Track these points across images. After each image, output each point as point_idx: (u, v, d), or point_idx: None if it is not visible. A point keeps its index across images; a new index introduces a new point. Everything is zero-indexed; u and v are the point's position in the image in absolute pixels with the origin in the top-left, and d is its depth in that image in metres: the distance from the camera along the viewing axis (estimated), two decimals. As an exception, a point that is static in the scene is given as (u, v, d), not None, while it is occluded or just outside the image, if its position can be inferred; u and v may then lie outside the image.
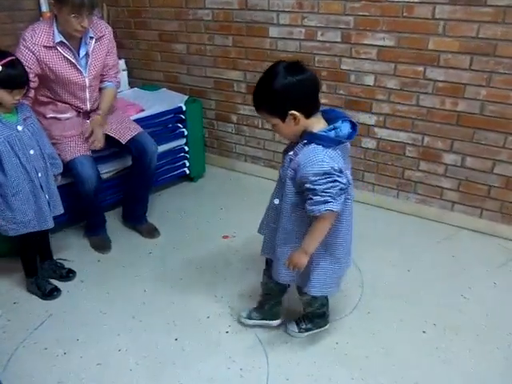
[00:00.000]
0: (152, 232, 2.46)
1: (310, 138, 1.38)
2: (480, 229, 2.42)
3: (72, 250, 2.34)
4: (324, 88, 2.64)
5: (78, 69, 2.14)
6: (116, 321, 1.89)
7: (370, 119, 2.56)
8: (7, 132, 1.75)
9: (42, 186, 1.86)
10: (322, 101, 2.65)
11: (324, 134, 1.37)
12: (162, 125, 2.77)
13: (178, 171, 2.94)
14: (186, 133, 2.89)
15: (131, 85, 3.29)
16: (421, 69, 2.30)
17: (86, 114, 2.31)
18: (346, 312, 1.91)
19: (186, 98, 2.94)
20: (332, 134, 1.38)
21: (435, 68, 2.26)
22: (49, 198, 1.91)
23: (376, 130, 2.57)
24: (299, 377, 1.63)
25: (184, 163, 2.95)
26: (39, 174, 1.85)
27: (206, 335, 1.81)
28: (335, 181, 1.34)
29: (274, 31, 2.70)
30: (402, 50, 2.32)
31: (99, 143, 2.19)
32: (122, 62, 3.15)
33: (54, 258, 2.20)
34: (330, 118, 1.43)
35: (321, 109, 1.44)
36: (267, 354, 1.72)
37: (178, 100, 2.89)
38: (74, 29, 2.00)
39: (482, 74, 2.16)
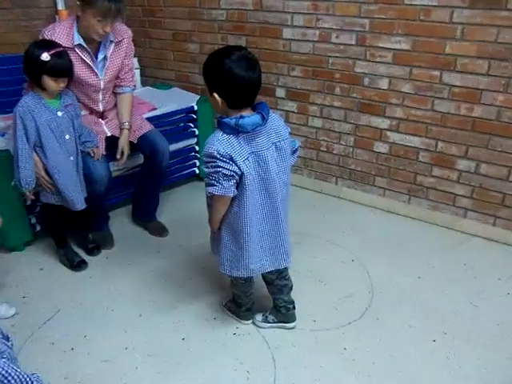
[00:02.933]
0: (161, 230, 2.45)
1: (218, 123, 1.45)
2: (493, 237, 2.38)
3: (80, 246, 2.33)
4: (337, 91, 2.62)
5: (94, 71, 2.13)
6: (123, 318, 1.88)
7: (383, 123, 2.54)
8: (49, 116, 1.88)
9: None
10: (335, 103, 2.68)
11: (225, 120, 1.42)
12: (173, 124, 2.77)
13: (188, 170, 2.93)
14: (197, 132, 2.88)
15: (143, 83, 3.29)
16: (437, 73, 2.27)
17: (99, 114, 2.31)
18: (355, 317, 1.89)
19: (197, 97, 2.93)
20: (232, 122, 1.40)
21: (451, 73, 2.23)
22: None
23: (389, 134, 2.54)
24: (306, 381, 1.61)
25: (194, 163, 2.95)
26: (71, 158, 1.97)
27: (213, 336, 1.80)
28: (218, 166, 1.40)
29: (287, 32, 2.69)
30: (417, 54, 2.29)
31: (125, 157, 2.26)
32: (135, 61, 3.15)
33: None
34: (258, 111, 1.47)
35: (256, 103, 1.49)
36: (274, 356, 1.70)
37: (190, 99, 2.89)
38: (96, 32, 1.99)
39: (499, 79, 2.13)
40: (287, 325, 1.82)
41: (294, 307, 1.81)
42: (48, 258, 2.26)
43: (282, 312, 1.79)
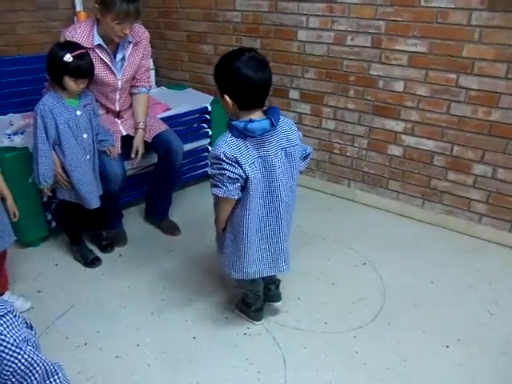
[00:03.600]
0: (173, 229, 2.47)
1: (227, 125, 1.45)
2: (509, 243, 2.35)
3: (93, 243, 2.36)
4: (351, 93, 2.62)
5: (112, 71, 2.16)
6: (135, 315, 1.89)
7: (398, 126, 2.52)
8: (67, 115, 1.91)
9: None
10: (349, 105, 2.67)
11: (234, 123, 1.42)
12: (187, 124, 2.79)
13: (201, 171, 2.95)
14: (210, 133, 2.89)
15: (158, 84, 3.32)
16: (453, 76, 2.25)
17: (116, 113, 2.33)
18: (367, 321, 1.88)
19: (211, 98, 2.95)
20: (241, 125, 1.40)
21: (469, 76, 2.21)
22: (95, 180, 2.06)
23: (403, 137, 2.53)
24: None
25: (207, 163, 2.96)
26: (87, 156, 2.01)
27: (224, 336, 1.80)
28: (224, 169, 1.41)
29: (302, 35, 2.70)
30: (434, 57, 2.28)
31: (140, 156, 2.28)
32: (150, 62, 3.18)
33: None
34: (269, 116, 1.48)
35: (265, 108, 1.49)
36: (285, 358, 1.70)
37: (204, 100, 2.91)
38: (115, 35, 2.02)
39: (518, 83, 2.10)
40: (273, 303, 1.85)
41: (277, 287, 1.85)
42: (62, 254, 2.29)
43: (265, 292, 1.83)
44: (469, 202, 2.43)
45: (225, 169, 1.41)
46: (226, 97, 1.44)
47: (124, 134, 2.28)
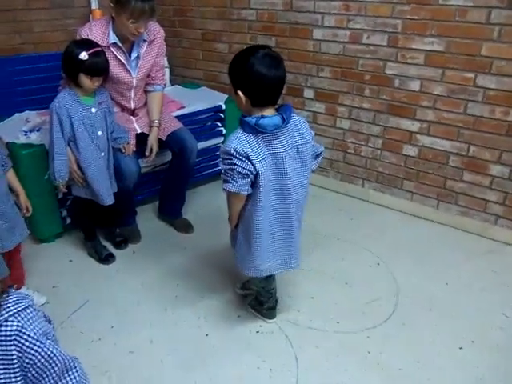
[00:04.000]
0: (186, 227, 2.48)
1: (239, 121, 1.46)
2: (525, 245, 2.32)
3: (107, 240, 2.38)
4: (366, 92, 2.60)
5: (127, 69, 2.17)
6: (149, 312, 1.91)
7: (413, 126, 2.50)
8: (83, 112, 1.93)
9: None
10: (364, 105, 2.65)
11: (246, 119, 1.43)
12: (201, 122, 2.80)
13: (215, 169, 2.95)
14: (224, 131, 2.90)
15: (172, 82, 3.33)
16: (471, 75, 2.22)
17: (131, 111, 2.35)
18: (380, 321, 1.86)
19: (225, 96, 2.95)
20: (253, 121, 1.41)
21: (487, 75, 2.18)
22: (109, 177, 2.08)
23: (418, 137, 2.50)
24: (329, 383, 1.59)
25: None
26: (102, 154, 2.02)
27: (237, 333, 1.80)
28: (234, 164, 1.41)
29: (317, 33, 2.68)
30: (451, 56, 2.25)
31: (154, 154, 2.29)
32: (164, 60, 3.20)
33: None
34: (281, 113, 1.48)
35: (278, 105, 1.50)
36: (297, 356, 1.69)
37: (218, 99, 2.91)
38: (130, 33, 2.03)
39: (538, 82, 2.07)
40: (266, 319, 1.85)
41: (274, 306, 1.85)
42: (77, 250, 2.32)
43: (264, 307, 1.84)
44: (485, 204, 2.40)
45: (235, 164, 1.42)
46: (240, 93, 1.45)
47: (139, 131, 2.30)
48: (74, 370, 0.93)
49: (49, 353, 0.87)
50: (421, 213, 2.60)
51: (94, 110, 1.96)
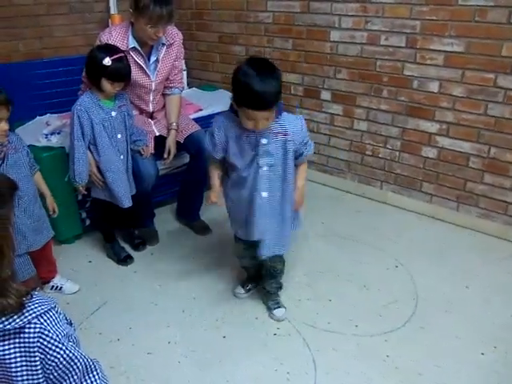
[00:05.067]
0: (204, 229, 2.49)
1: (278, 110, 1.56)
2: (548, 249, 2.27)
3: (126, 242, 2.40)
4: (384, 93, 2.58)
5: (146, 73, 2.19)
6: (166, 313, 1.92)
7: (432, 127, 2.47)
8: (103, 116, 1.96)
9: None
10: (382, 106, 2.64)
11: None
12: (218, 125, 2.80)
13: (231, 171, 2.96)
14: (241, 134, 2.90)
15: (189, 85, 3.36)
16: (491, 76, 2.19)
17: (149, 114, 2.37)
18: (398, 325, 1.84)
19: (243, 99, 2.95)
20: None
21: (508, 76, 2.14)
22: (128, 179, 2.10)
23: (438, 138, 2.47)
24: (347, 386, 1.59)
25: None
26: (121, 156, 2.04)
27: (254, 335, 1.80)
28: None
29: (335, 35, 2.68)
30: (471, 56, 2.22)
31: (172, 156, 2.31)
32: (182, 63, 3.23)
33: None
34: None
35: None
36: (315, 359, 1.69)
37: (236, 101, 2.91)
38: (148, 37, 2.06)
39: (560, 83, 2.02)
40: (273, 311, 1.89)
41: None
42: (96, 251, 2.35)
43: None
44: (506, 206, 2.35)
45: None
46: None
47: (157, 134, 2.32)
48: (94, 373, 0.93)
49: (71, 355, 0.88)
50: (440, 215, 2.57)
51: (114, 113, 1.99)
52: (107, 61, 1.86)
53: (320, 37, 2.74)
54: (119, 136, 2.02)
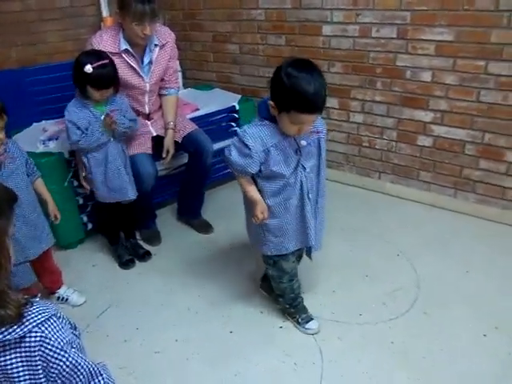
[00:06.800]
0: (206, 227, 2.51)
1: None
2: (546, 230, 2.30)
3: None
4: (378, 85, 2.60)
5: (140, 75, 2.21)
6: (172, 312, 1.95)
7: (427, 116, 2.49)
8: (92, 120, 1.94)
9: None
10: (376, 98, 2.66)
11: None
12: (215, 123, 2.83)
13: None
14: (238, 131, 2.92)
15: (185, 85, 3.37)
16: (482, 63, 2.21)
17: (146, 115, 2.39)
18: (402, 311, 1.87)
19: (239, 97, 2.98)
20: None
21: (498, 62, 2.16)
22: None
23: (433, 127, 2.49)
24: (354, 374, 1.61)
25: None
26: (115, 157, 2.02)
27: (261, 330, 1.83)
28: None
29: (327, 29, 2.70)
30: (461, 45, 2.24)
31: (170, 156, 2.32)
32: (177, 63, 3.24)
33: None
34: None
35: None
36: (321, 349, 1.71)
37: (232, 99, 2.94)
38: (137, 36, 2.07)
39: (551, 66, 2.05)
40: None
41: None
42: (99, 254, 2.37)
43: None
44: (503, 191, 2.38)
45: None
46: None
47: (154, 134, 2.34)
48: (100, 378, 0.93)
49: (74, 362, 0.87)
50: (438, 203, 2.60)
51: (103, 117, 1.96)
52: (88, 68, 1.84)
53: (312, 32, 2.75)
54: (111, 140, 2.01)
